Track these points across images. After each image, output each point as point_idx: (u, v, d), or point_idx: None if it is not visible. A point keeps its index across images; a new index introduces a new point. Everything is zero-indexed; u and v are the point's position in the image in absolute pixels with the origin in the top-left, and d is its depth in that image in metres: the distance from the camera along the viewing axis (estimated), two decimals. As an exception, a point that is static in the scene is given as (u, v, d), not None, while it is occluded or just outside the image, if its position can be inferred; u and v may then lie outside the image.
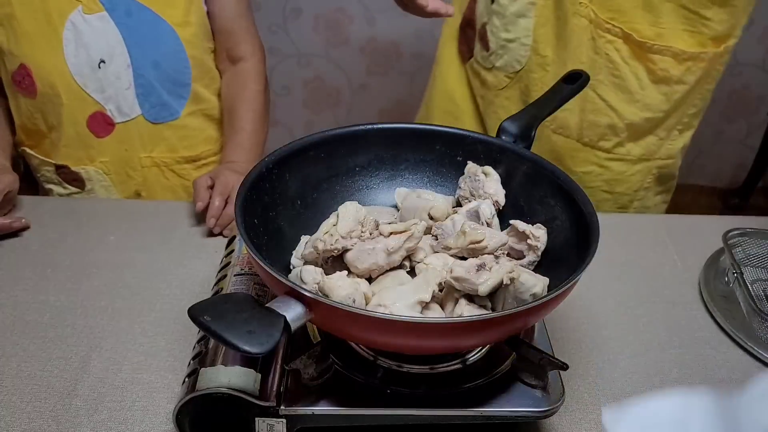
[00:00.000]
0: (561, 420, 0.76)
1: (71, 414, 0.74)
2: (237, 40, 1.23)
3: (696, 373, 0.83)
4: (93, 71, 1.11)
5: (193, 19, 1.16)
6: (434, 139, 0.86)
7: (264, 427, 0.66)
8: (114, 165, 1.20)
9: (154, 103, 1.17)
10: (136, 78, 1.14)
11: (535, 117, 0.87)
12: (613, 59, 1.09)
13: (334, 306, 0.59)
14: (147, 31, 1.13)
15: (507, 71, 1.20)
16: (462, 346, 0.69)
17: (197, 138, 1.25)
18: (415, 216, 0.80)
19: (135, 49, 1.12)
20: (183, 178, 1.25)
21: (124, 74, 1.13)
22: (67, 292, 0.91)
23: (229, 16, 1.21)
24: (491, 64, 1.21)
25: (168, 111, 1.19)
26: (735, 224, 1.02)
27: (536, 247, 0.76)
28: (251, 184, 0.73)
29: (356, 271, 0.71)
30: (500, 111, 1.23)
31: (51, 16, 1.08)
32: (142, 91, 1.15)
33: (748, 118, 2.69)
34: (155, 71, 1.15)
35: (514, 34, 1.15)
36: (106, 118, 1.15)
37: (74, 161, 1.19)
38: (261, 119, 1.24)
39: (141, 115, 1.17)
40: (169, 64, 1.16)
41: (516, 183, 0.83)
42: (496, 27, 1.17)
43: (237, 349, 0.53)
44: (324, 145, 0.82)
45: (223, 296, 0.73)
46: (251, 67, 1.25)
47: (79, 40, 1.09)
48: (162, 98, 1.18)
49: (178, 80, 1.18)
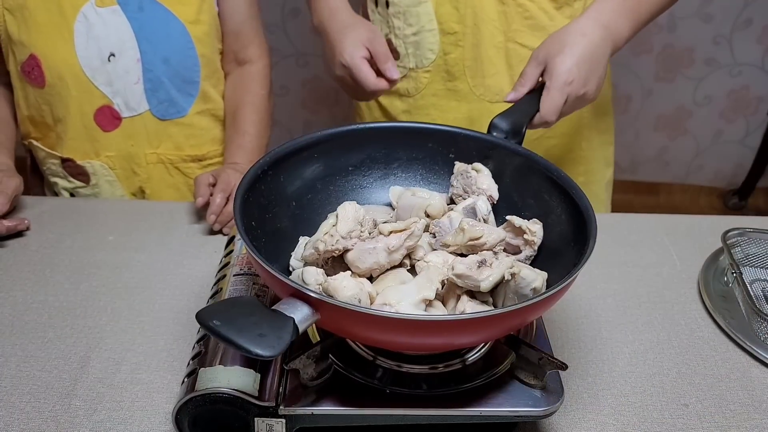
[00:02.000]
0: (560, 420, 0.76)
1: (70, 414, 0.74)
2: (245, 42, 1.24)
3: (695, 372, 0.83)
4: (102, 64, 1.12)
5: (205, 18, 1.17)
6: (426, 137, 0.87)
7: (263, 427, 0.66)
8: (119, 160, 1.20)
9: (162, 99, 1.17)
10: (145, 73, 1.14)
11: (525, 113, 0.88)
12: (520, 2, 1.10)
13: (342, 306, 0.59)
14: (158, 26, 1.13)
15: (423, 66, 1.18)
16: (469, 342, 0.69)
17: (204, 137, 1.25)
18: (411, 214, 0.80)
19: (145, 44, 1.12)
20: (187, 177, 1.26)
21: (133, 69, 1.13)
22: (66, 292, 0.91)
23: (239, 18, 1.21)
24: (405, 70, 1.19)
25: (175, 108, 1.20)
26: (734, 224, 1.02)
27: (533, 242, 0.76)
28: (248, 187, 0.73)
29: (357, 270, 0.71)
30: (433, 111, 1.22)
31: (63, 7, 1.08)
32: (150, 86, 1.15)
33: (747, 118, 2.69)
34: (165, 67, 1.15)
35: (417, 26, 1.15)
36: (113, 112, 1.16)
37: (80, 155, 1.19)
38: (264, 123, 1.25)
39: (148, 110, 1.17)
40: (179, 61, 1.16)
41: (509, 178, 0.84)
42: (398, 29, 1.16)
43: (249, 353, 0.53)
44: (317, 146, 0.83)
45: (230, 300, 0.73)
46: (257, 70, 1.26)
47: (90, 33, 1.10)
48: (170, 94, 1.18)
49: (187, 77, 1.18)
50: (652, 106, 2.67)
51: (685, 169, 2.84)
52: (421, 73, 1.19)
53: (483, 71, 1.15)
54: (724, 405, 0.79)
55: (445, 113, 1.21)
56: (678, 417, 0.77)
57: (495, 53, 1.14)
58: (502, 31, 1.12)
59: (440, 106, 1.21)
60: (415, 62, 1.19)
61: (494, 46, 1.14)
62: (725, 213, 2.78)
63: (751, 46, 2.51)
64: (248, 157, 1.18)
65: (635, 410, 0.78)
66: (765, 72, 2.57)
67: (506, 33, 1.12)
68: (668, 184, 2.86)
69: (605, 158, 1.31)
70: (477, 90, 1.17)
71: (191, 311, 0.87)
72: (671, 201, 2.84)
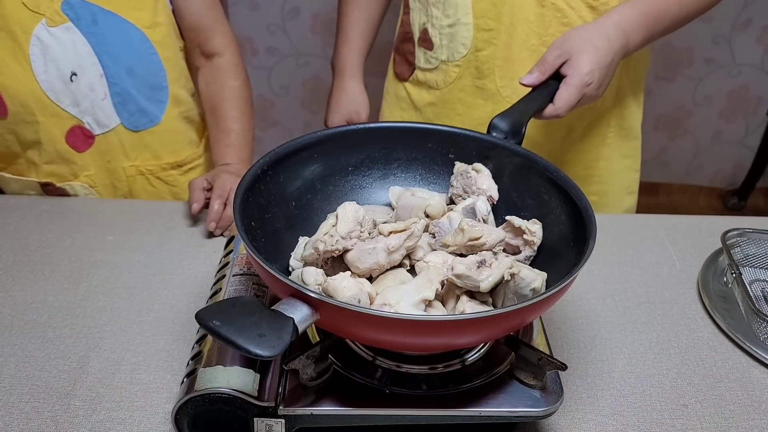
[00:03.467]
0: (560, 420, 0.76)
1: (70, 414, 0.74)
2: (208, 34, 1.19)
3: (694, 373, 0.83)
4: (65, 85, 1.07)
5: (162, 19, 1.12)
6: (426, 137, 0.87)
7: (263, 428, 0.66)
8: (99, 177, 1.17)
9: (133, 111, 1.14)
10: (111, 87, 1.10)
11: (524, 113, 0.88)
12: (560, 7, 1.09)
13: (342, 307, 0.59)
14: (116, 37, 1.09)
15: (454, 60, 1.18)
16: (469, 342, 0.69)
17: (180, 142, 1.23)
18: (411, 214, 0.80)
19: (106, 58, 1.08)
20: (170, 185, 1.24)
21: (98, 85, 1.09)
22: (65, 293, 0.91)
23: (196, 11, 1.17)
24: (437, 62, 1.20)
25: (148, 117, 1.16)
26: (733, 224, 1.02)
27: (532, 242, 0.76)
28: (247, 187, 0.73)
29: (357, 271, 0.72)
30: (459, 106, 1.22)
31: (15, 33, 1.02)
32: (118, 99, 1.11)
33: (747, 118, 2.69)
34: (130, 78, 1.11)
35: (454, 18, 1.15)
36: (85, 132, 1.12)
37: (58, 178, 1.16)
38: (246, 116, 1.22)
39: (120, 124, 1.14)
40: (144, 69, 1.12)
41: (508, 178, 0.84)
42: (436, 18, 1.16)
43: (249, 353, 0.53)
44: (316, 146, 0.83)
45: (230, 300, 0.73)
46: (226, 61, 1.21)
47: (47, 55, 1.04)
48: (140, 105, 1.14)
49: (154, 84, 1.15)
50: (651, 106, 2.67)
51: (684, 169, 2.85)
52: (452, 67, 1.19)
53: (513, 72, 1.14)
54: (723, 405, 0.79)
55: (470, 110, 1.21)
56: (677, 417, 0.77)
57: (527, 55, 1.13)
58: (538, 33, 1.11)
59: (466, 102, 1.20)
60: (447, 55, 1.18)
61: (527, 48, 1.13)
62: (725, 213, 2.78)
63: (751, 46, 2.51)
64: (238, 155, 1.17)
65: (635, 410, 0.78)
66: (764, 72, 2.57)
67: (541, 36, 1.11)
68: (668, 184, 2.86)
69: (627, 185, 1.29)
70: (504, 91, 1.17)
71: (191, 311, 0.88)
72: (671, 201, 2.84)
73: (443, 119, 1.24)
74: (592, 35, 0.94)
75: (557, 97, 0.91)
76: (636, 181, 1.30)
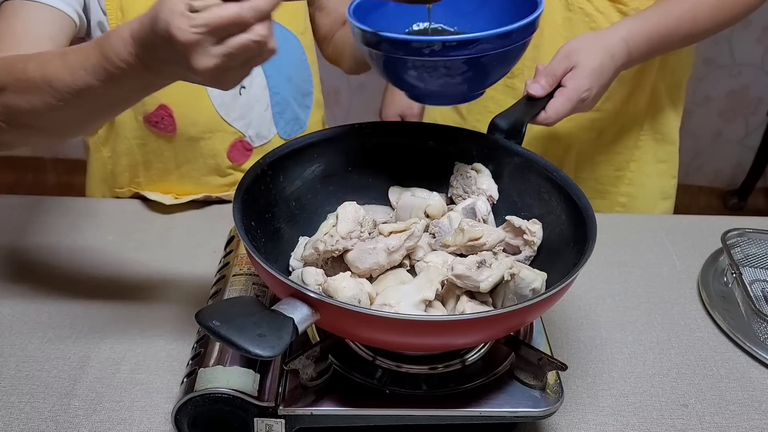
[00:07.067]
0: (560, 420, 0.76)
1: (70, 414, 0.74)
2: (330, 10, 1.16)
3: (695, 373, 0.83)
4: (234, 99, 1.06)
5: (308, 24, 1.12)
6: (426, 136, 0.87)
7: (263, 428, 0.66)
8: None
9: (288, 119, 1.14)
10: (273, 96, 1.10)
11: (525, 113, 0.88)
12: (588, 12, 1.09)
13: (342, 307, 0.59)
14: (280, 46, 1.08)
15: None
16: (469, 342, 0.69)
17: None
18: (411, 214, 0.80)
19: (269, 67, 1.08)
20: None
21: (262, 96, 1.09)
22: (65, 293, 0.91)
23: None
24: None
25: (298, 124, 1.16)
26: (734, 224, 1.02)
27: (532, 242, 0.76)
28: (247, 187, 0.73)
29: (357, 271, 0.72)
30: (490, 103, 1.21)
31: None
32: (278, 109, 1.11)
33: (747, 118, 2.69)
34: (288, 85, 1.11)
35: None
36: (245, 144, 1.11)
37: (214, 189, 1.13)
38: None
39: (276, 134, 1.13)
40: (299, 76, 1.13)
41: (509, 178, 0.84)
42: None
43: (249, 354, 0.53)
44: (316, 145, 0.83)
45: (230, 300, 0.73)
46: None
47: None
48: (294, 112, 1.14)
49: (305, 90, 1.15)
50: (651, 107, 2.67)
51: (684, 169, 2.83)
52: None
53: None
54: (723, 405, 0.79)
55: (501, 108, 1.19)
56: (677, 417, 0.77)
57: None
58: (565, 37, 1.09)
59: (498, 100, 1.20)
60: None
61: (554, 51, 1.12)
62: (725, 213, 2.78)
63: (751, 47, 2.51)
64: None
65: (635, 410, 0.78)
66: (764, 72, 2.57)
67: (568, 39, 1.10)
68: (668, 185, 2.86)
69: (662, 190, 1.27)
70: None
71: (191, 311, 0.87)
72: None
73: (475, 115, 1.26)
74: (599, 52, 0.93)
75: (550, 106, 0.90)
76: (673, 187, 1.29)
